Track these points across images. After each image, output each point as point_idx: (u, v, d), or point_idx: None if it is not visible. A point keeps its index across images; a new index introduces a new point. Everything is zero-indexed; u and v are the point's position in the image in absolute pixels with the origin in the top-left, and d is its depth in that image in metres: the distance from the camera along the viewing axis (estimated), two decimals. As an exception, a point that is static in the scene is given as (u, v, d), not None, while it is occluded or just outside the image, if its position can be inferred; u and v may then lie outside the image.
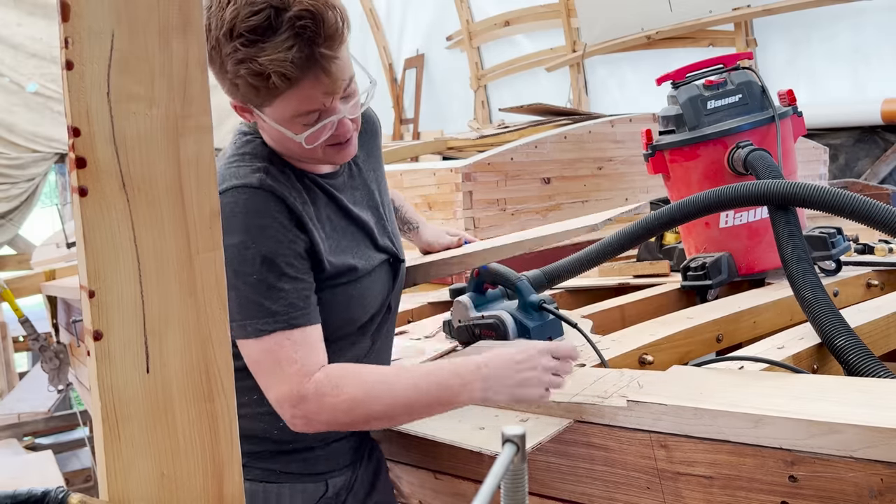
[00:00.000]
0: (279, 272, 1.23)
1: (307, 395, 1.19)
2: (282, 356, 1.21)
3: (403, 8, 8.20)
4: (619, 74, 6.18)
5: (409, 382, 1.21)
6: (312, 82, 1.20)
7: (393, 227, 1.51)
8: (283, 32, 1.15)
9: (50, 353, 5.01)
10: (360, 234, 1.40)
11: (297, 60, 1.16)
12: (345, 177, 1.42)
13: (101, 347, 0.77)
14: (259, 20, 1.15)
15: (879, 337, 1.59)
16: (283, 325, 1.21)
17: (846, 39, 4.70)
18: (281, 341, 1.21)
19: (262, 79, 1.17)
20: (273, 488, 1.39)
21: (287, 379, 1.20)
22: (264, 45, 1.15)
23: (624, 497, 1.23)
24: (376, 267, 1.41)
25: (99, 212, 0.76)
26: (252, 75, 1.17)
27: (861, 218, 1.46)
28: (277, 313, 1.21)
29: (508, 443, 0.70)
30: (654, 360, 1.60)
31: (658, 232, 1.91)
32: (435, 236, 1.82)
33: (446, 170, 3.11)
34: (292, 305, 1.23)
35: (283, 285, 1.22)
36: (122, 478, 0.79)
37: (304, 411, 1.20)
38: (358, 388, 1.20)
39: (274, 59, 1.15)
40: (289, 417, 1.21)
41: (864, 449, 0.94)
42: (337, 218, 1.37)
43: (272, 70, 1.16)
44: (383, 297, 1.45)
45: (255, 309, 1.21)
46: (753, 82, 2.07)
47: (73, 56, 0.74)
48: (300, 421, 1.21)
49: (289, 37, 1.15)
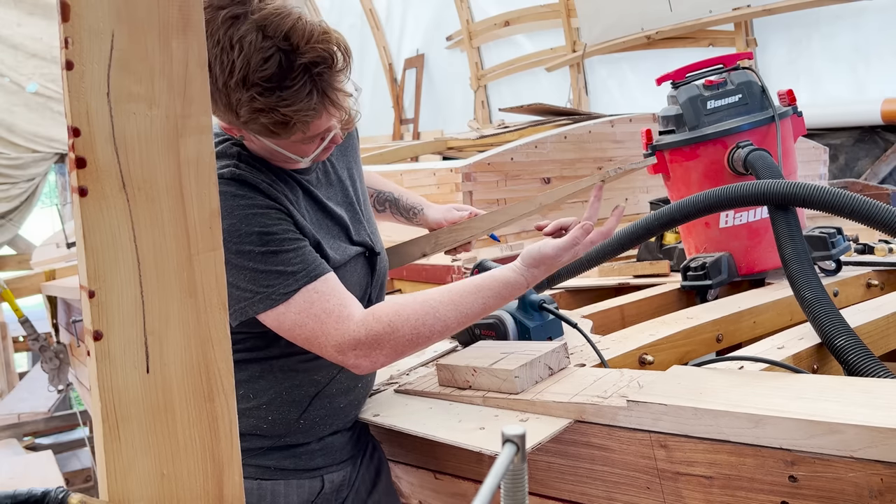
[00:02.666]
0: (280, 239, 1.27)
1: (360, 338, 1.25)
2: (317, 310, 1.25)
3: (403, 8, 8.20)
4: (619, 74, 6.18)
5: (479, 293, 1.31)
6: (325, 116, 1.25)
7: (370, 222, 1.53)
8: (298, 79, 1.18)
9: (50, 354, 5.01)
10: (335, 228, 1.42)
11: (317, 105, 1.22)
12: (318, 173, 1.45)
13: (101, 347, 0.77)
14: (272, 68, 1.16)
15: (879, 337, 1.59)
16: (304, 280, 1.26)
17: (846, 39, 4.70)
18: (310, 297, 1.25)
19: (285, 127, 1.21)
20: (268, 485, 1.39)
21: (333, 329, 1.25)
22: (282, 94, 1.18)
23: (624, 497, 1.24)
24: (351, 259, 1.42)
25: (99, 212, 0.76)
26: (274, 124, 1.21)
27: (861, 218, 1.46)
28: (296, 273, 1.26)
29: (508, 443, 0.70)
30: (654, 360, 1.60)
31: (658, 232, 1.91)
32: (442, 213, 1.80)
33: (446, 170, 3.11)
34: (305, 261, 1.27)
35: (288, 247, 1.27)
36: (122, 478, 0.79)
37: (364, 353, 1.25)
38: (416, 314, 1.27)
39: (298, 109, 1.19)
40: (352, 361, 1.26)
41: (864, 449, 0.94)
42: (313, 211, 1.39)
43: (297, 120, 1.20)
44: (361, 289, 1.46)
45: (273, 277, 1.25)
46: (753, 82, 2.07)
47: (73, 56, 0.74)
48: (365, 361, 1.26)
49: (305, 83, 1.19)
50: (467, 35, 7.40)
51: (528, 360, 1.37)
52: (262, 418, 1.38)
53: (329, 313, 1.25)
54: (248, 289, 1.25)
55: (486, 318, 1.64)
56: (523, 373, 1.35)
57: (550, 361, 1.41)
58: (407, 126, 8.27)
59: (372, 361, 1.27)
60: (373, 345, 1.25)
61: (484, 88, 7.51)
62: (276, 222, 1.27)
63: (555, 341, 1.51)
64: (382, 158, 4.49)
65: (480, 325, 1.65)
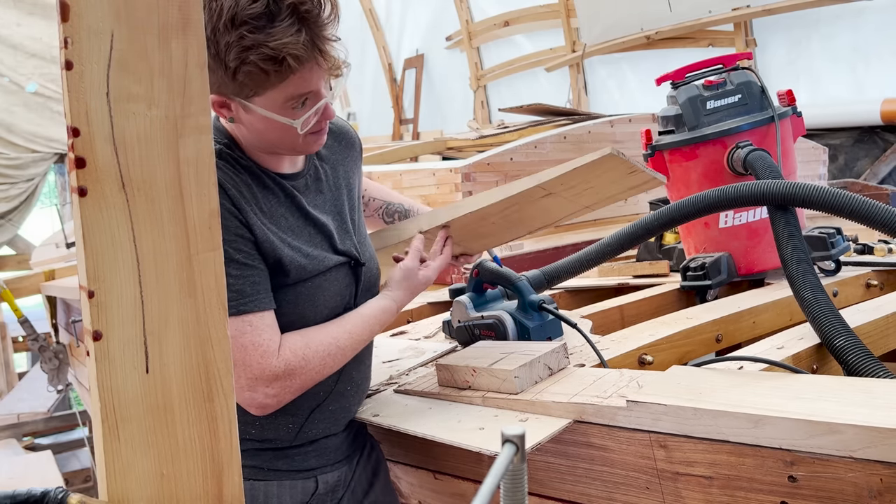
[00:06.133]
0: (227, 259, 1.23)
1: (278, 372, 1.27)
2: (246, 342, 1.26)
3: (403, 8, 8.21)
4: (618, 74, 6.18)
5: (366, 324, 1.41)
6: (313, 66, 1.25)
7: (359, 233, 1.51)
8: (285, 18, 1.20)
9: (49, 354, 5.01)
10: (318, 236, 1.41)
11: (306, 43, 1.21)
12: (307, 179, 1.43)
13: (101, 348, 0.77)
14: (260, 7, 1.19)
15: (879, 337, 1.59)
16: (234, 310, 1.24)
17: (846, 39, 4.70)
18: (242, 328, 1.25)
19: (275, 62, 1.20)
20: (260, 486, 1.39)
21: (255, 363, 1.26)
22: (272, 30, 1.19)
23: (623, 497, 1.24)
24: (332, 268, 1.40)
25: (98, 212, 0.76)
26: (264, 60, 1.20)
27: (861, 218, 1.46)
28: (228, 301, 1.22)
29: (508, 443, 0.70)
30: (654, 360, 1.60)
31: (658, 232, 1.91)
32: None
33: (446, 170, 3.11)
34: (242, 292, 1.26)
35: (230, 271, 1.23)
36: (122, 478, 0.79)
37: (277, 389, 1.28)
38: (323, 346, 1.33)
39: (286, 42, 1.19)
40: (261, 398, 1.27)
41: (864, 449, 0.94)
42: (292, 216, 1.37)
43: (287, 53, 1.20)
44: (342, 299, 1.43)
45: None
46: (753, 82, 2.07)
47: (72, 56, 0.74)
48: (273, 400, 1.28)
49: (293, 22, 1.20)
50: (467, 35, 7.40)
51: (527, 360, 1.37)
52: (250, 423, 1.37)
53: (256, 346, 1.26)
54: None
55: (486, 318, 1.64)
56: (523, 373, 1.35)
57: (550, 361, 1.41)
58: (406, 126, 8.27)
59: (278, 400, 1.29)
60: (287, 377, 1.28)
61: (483, 88, 7.51)
62: (232, 239, 1.26)
63: (554, 341, 1.51)
64: (382, 158, 4.49)
65: (480, 325, 1.65)
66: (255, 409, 1.28)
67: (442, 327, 1.91)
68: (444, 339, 1.89)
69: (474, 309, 1.70)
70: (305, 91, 1.27)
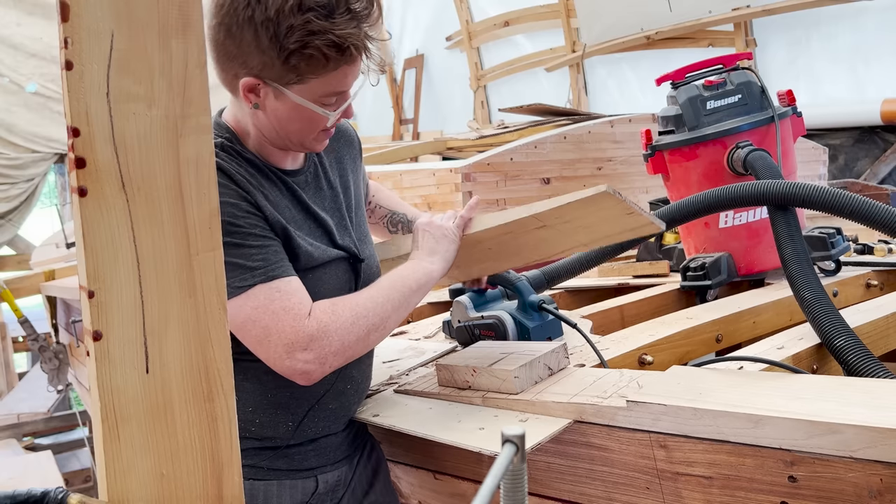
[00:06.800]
0: (244, 233, 1.26)
1: (312, 332, 1.24)
2: (276, 307, 1.24)
3: (403, 8, 8.20)
4: (618, 74, 6.18)
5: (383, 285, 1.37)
6: (358, 62, 1.30)
7: (359, 231, 1.51)
8: (343, 13, 1.25)
9: (49, 354, 5.01)
10: (317, 231, 1.42)
11: (364, 38, 1.28)
12: (307, 176, 1.45)
13: (101, 348, 0.77)
14: None
15: (879, 337, 1.59)
16: (262, 277, 1.25)
17: (846, 39, 4.70)
18: (270, 294, 1.25)
19: (338, 50, 1.25)
20: (260, 485, 1.39)
21: (288, 327, 1.23)
22: (335, 20, 1.24)
23: (623, 497, 1.24)
24: (331, 261, 1.41)
25: (98, 212, 0.76)
26: (328, 45, 1.24)
27: (861, 218, 1.46)
28: (254, 268, 1.25)
29: (508, 443, 0.70)
30: (654, 360, 1.60)
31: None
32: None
33: (446, 170, 3.11)
34: (266, 259, 1.27)
35: (251, 242, 1.26)
36: (122, 478, 0.79)
37: (316, 350, 1.24)
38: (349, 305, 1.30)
39: (351, 32, 1.24)
40: (301, 365, 1.23)
41: (864, 449, 0.94)
42: (294, 210, 1.38)
43: (351, 42, 1.25)
44: (341, 293, 1.41)
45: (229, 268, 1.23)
46: (753, 82, 2.07)
47: (72, 56, 0.74)
48: (313, 365, 1.24)
49: (352, 17, 1.25)
50: (467, 35, 7.40)
51: (527, 360, 1.37)
52: (250, 421, 1.37)
53: (287, 311, 1.24)
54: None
55: (487, 318, 1.64)
56: (522, 373, 1.35)
57: (550, 362, 1.41)
58: (406, 126, 8.27)
59: (319, 364, 1.24)
60: (322, 337, 1.24)
61: (483, 89, 7.51)
62: (245, 215, 1.27)
63: (554, 341, 1.51)
64: (382, 159, 4.49)
65: (480, 325, 1.65)
66: (299, 377, 1.25)
67: (442, 327, 1.91)
68: (444, 339, 1.89)
69: (474, 309, 1.70)
70: (344, 88, 1.32)
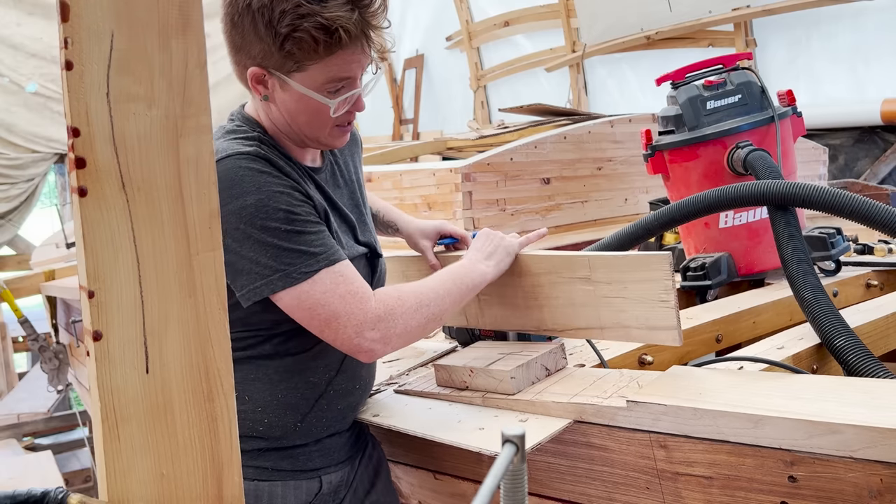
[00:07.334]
0: (304, 220, 1.29)
1: (380, 314, 1.29)
2: (343, 291, 1.28)
3: (403, 8, 8.19)
4: (618, 74, 6.18)
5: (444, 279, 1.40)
6: (358, 48, 1.30)
7: (370, 225, 1.56)
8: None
9: (49, 354, 5.01)
10: (343, 226, 1.44)
11: (357, 22, 1.27)
12: (327, 173, 1.47)
13: (101, 348, 0.77)
14: None
15: (879, 337, 1.59)
16: (325, 262, 1.28)
17: (846, 39, 4.70)
18: (335, 278, 1.28)
19: (326, 32, 1.25)
20: (265, 486, 1.39)
21: (357, 309, 1.28)
22: (326, 4, 1.25)
23: (623, 497, 1.24)
24: (356, 258, 1.44)
25: (98, 212, 0.76)
26: (317, 28, 1.25)
27: (861, 218, 1.46)
28: (318, 254, 1.28)
29: (508, 443, 0.70)
30: (654, 360, 1.60)
31: (658, 232, 1.91)
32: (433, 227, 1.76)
33: (446, 170, 3.10)
34: (326, 245, 1.30)
35: (311, 229, 1.30)
36: (122, 478, 0.79)
37: (382, 331, 1.29)
38: (414, 292, 1.35)
39: (340, 15, 1.25)
40: (367, 343, 1.28)
41: (864, 449, 0.94)
42: (325, 203, 1.40)
43: (339, 24, 1.25)
44: None
45: (295, 255, 1.27)
46: (753, 82, 2.07)
47: (72, 56, 0.74)
48: (378, 345, 1.29)
49: (347, 2, 1.26)
50: (467, 35, 7.39)
51: (524, 360, 1.37)
52: (258, 420, 1.38)
53: (353, 294, 1.28)
54: (268, 265, 1.26)
55: (486, 318, 1.64)
56: (519, 374, 1.35)
57: (547, 362, 1.41)
58: (406, 126, 8.26)
59: (383, 343, 1.29)
60: (388, 318, 1.29)
61: (483, 89, 7.50)
62: (300, 203, 1.30)
63: (553, 342, 1.51)
64: (382, 159, 4.49)
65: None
66: (364, 354, 1.30)
67: (442, 327, 1.91)
68: (444, 339, 1.89)
69: (474, 309, 1.70)
70: (346, 75, 1.31)
